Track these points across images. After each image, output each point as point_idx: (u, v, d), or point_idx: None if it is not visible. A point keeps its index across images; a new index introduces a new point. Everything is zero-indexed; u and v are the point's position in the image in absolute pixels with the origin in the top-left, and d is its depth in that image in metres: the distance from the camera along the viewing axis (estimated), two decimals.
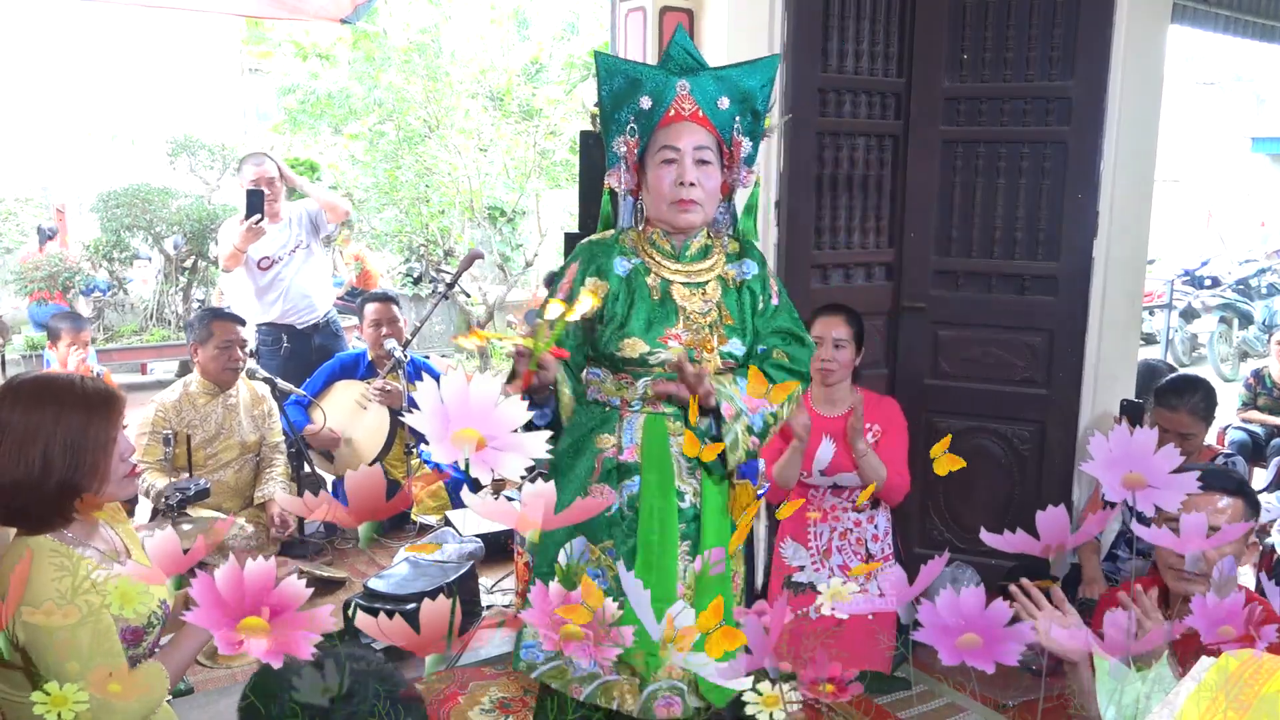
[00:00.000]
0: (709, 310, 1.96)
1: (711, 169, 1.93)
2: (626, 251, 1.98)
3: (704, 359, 1.92)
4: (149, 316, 7.35)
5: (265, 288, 4.21)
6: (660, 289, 1.95)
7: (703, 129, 1.92)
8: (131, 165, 8.44)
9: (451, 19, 9.05)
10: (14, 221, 7.97)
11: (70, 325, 4.18)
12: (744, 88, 1.96)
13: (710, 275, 1.99)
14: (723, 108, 1.95)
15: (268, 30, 9.97)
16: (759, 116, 2.00)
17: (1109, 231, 3.14)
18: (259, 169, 4.20)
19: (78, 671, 1.48)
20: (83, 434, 1.62)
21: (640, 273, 1.96)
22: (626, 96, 1.95)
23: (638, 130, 1.95)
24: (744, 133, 1.98)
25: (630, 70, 1.97)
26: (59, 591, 1.55)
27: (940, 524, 3.38)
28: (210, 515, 3.36)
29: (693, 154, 1.90)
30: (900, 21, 3.29)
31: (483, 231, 9.17)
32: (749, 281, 2.02)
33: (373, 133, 9.12)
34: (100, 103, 9.69)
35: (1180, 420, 2.98)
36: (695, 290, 1.97)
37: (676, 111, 1.92)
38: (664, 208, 1.93)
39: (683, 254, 1.99)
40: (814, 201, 3.25)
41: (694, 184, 1.90)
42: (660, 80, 1.93)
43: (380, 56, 8.85)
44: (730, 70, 1.99)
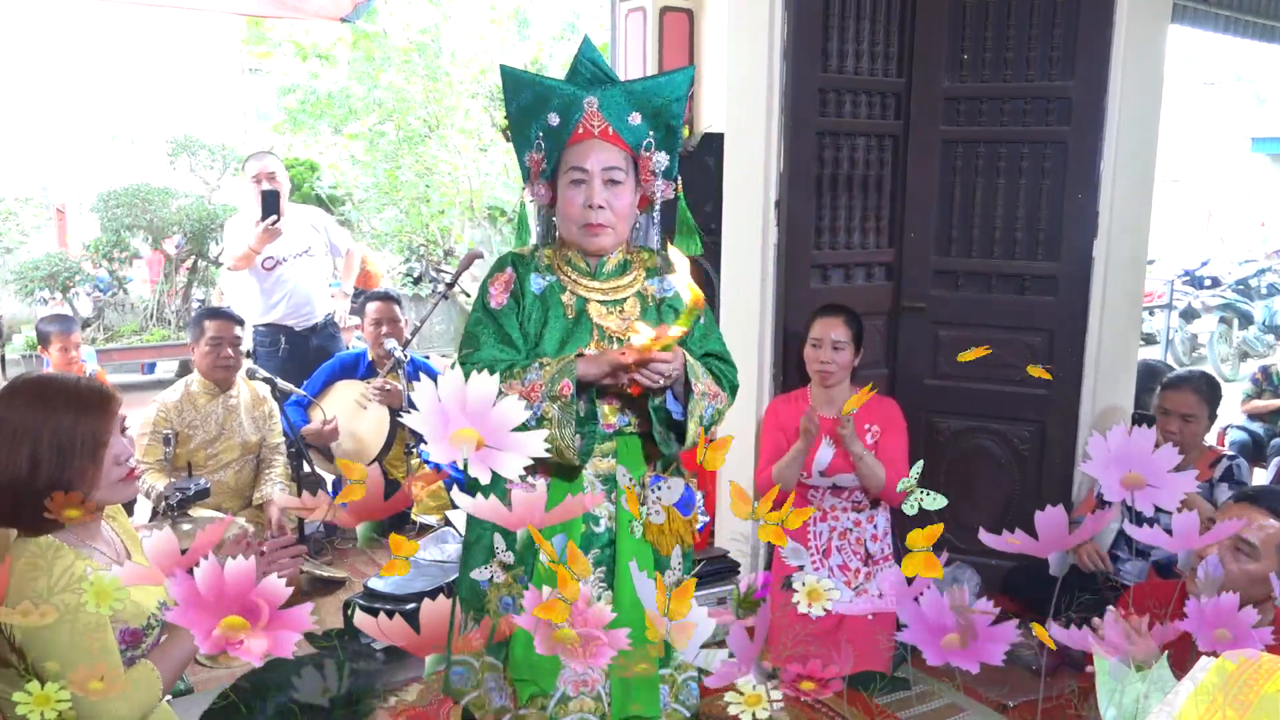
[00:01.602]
0: (626, 328, 1.88)
1: (622, 189, 1.86)
2: (541, 269, 1.93)
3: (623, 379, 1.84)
4: (149, 316, 7.35)
5: (269, 288, 4.22)
6: (575, 307, 1.90)
7: (613, 146, 1.86)
8: (131, 165, 8.43)
9: (451, 19, 9.06)
10: (14, 221, 7.95)
11: (59, 328, 4.12)
12: (655, 103, 1.89)
13: (628, 292, 1.93)
14: (634, 124, 1.88)
15: (268, 30, 9.98)
16: (673, 130, 1.93)
17: (1109, 231, 3.14)
18: (261, 165, 4.21)
19: (56, 671, 1.47)
20: (72, 435, 1.61)
21: (555, 290, 1.91)
22: (534, 112, 1.89)
23: (544, 147, 1.90)
24: (659, 147, 1.91)
25: (537, 85, 1.90)
26: (35, 591, 1.53)
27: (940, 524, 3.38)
28: (210, 515, 3.36)
29: (601, 175, 1.84)
30: (900, 21, 3.29)
31: (483, 231, 9.17)
32: (669, 299, 1.95)
33: (373, 133, 9.13)
34: (100, 103, 9.69)
35: (1184, 400, 2.99)
36: (612, 308, 1.91)
37: (585, 129, 1.86)
38: (574, 230, 1.88)
39: (599, 271, 1.93)
40: (814, 201, 3.25)
41: (603, 206, 1.84)
42: (568, 96, 1.87)
43: (380, 56, 8.87)
44: (641, 84, 1.93)
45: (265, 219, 3.96)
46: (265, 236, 3.99)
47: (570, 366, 1.78)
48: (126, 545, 1.80)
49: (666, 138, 1.92)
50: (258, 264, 4.16)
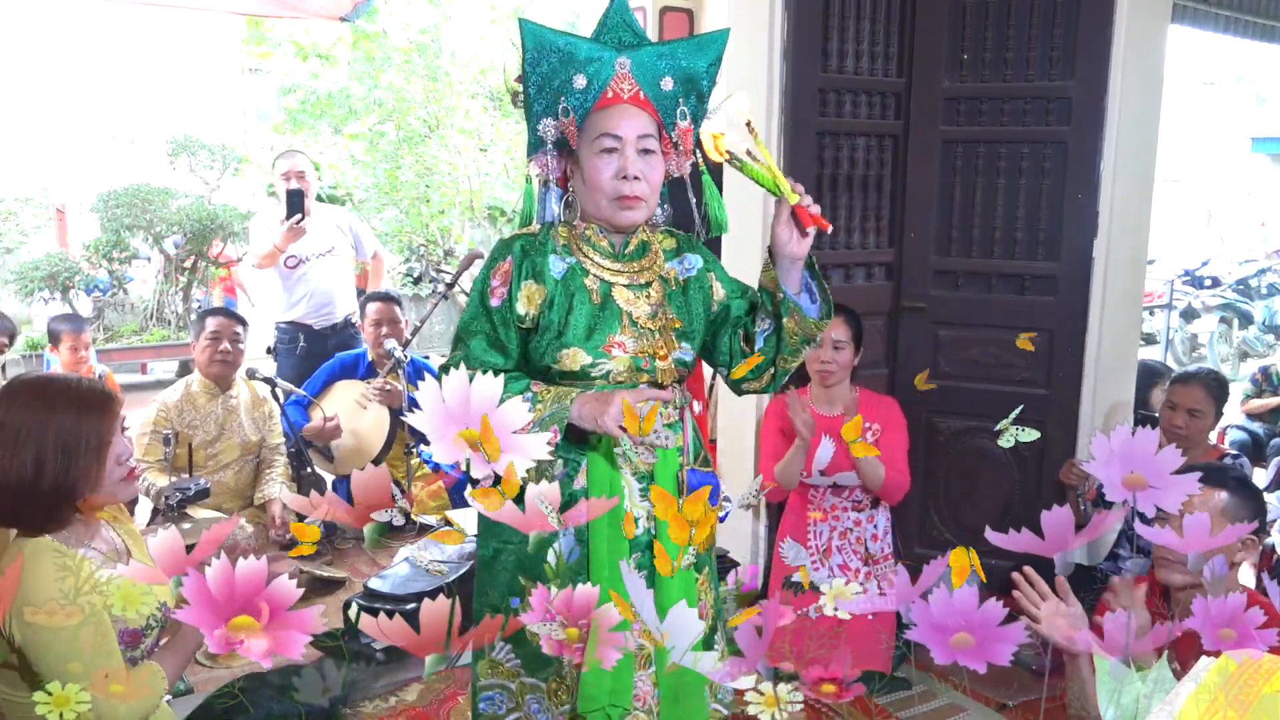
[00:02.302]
0: (657, 314, 1.74)
1: (656, 159, 1.70)
2: (559, 250, 1.73)
3: (655, 367, 1.72)
4: (149, 316, 7.35)
5: (291, 286, 4.24)
6: (600, 292, 1.72)
7: (644, 113, 1.69)
8: (131, 165, 8.44)
9: (451, 19, 9.07)
10: (14, 221, 7.95)
11: (70, 327, 4.19)
12: (690, 67, 1.73)
13: (652, 275, 1.77)
14: (666, 89, 1.72)
15: (268, 30, 9.98)
16: (703, 99, 1.78)
17: (1109, 231, 3.14)
18: (290, 163, 4.25)
19: (80, 672, 1.47)
20: (75, 435, 1.61)
21: (577, 274, 1.72)
22: (557, 73, 1.69)
23: (572, 112, 1.70)
24: (688, 116, 1.75)
25: (564, 43, 1.68)
26: (62, 592, 1.54)
27: (940, 524, 3.38)
28: (211, 515, 3.37)
29: (636, 143, 1.66)
30: (900, 21, 3.29)
31: (483, 231, 9.18)
32: (694, 278, 1.81)
33: (373, 133, 9.13)
34: (100, 103, 9.69)
35: (1192, 394, 3.04)
36: (639, 292, 1.74)
37: (615, 93, 1.68)
38: (604, 204, 1.69)
39: (622, 252, 1.76)
40: (814, 201, 3.24)
41: (639, 177, 1.66)
42: (596, 56, 1.68)
43: (380, 56, 8.87)
44: (675, 45, 1.74)
45: (290, 218, 3.99)
46: (290, 235, 4.01)
47: (563, 412, 1.61)
48: (129, 545, 1.80)
49: (696, 106, 1.77)
50: (280, 262, 4.19)
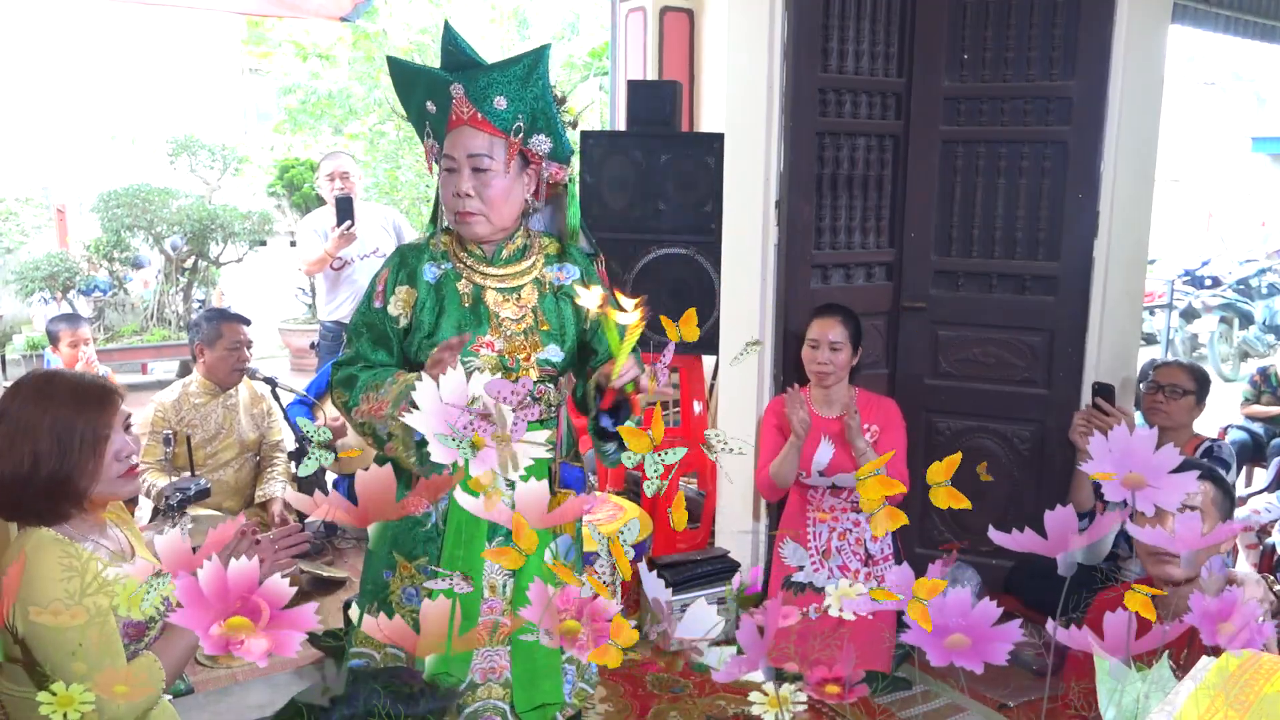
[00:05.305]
0: (523, 316, 1.87)
1: (490, 175, 1.82)
2: (437, 257, 1.90)
3: (519, 366, 1.85)
4: (149, 316, 7.35)
5: (336, 287, 4.26)
6: (472, 295, 1.87)
7: (481, 132, 1.82)
8: (131, 165, 8.43)
9: (451, 19, 9.06)
10: (14, 221, 7.95)
11: (68, 325, 4.22)
12: (513, 84, 1.83)
13: (526, 279, 1.91)
14: (500, 108, 1.82)
15: (268, 30, 9.98)
16: (544, 112, 1.86)
17: (1109, 231, 3.14)
18: (335, 164, 4.28)
19: (84, 672, 1.47)
20: (71, 428, 1.62)
21: (450, 278, 1.88)
22: (417, 100, 1.88)
23: (430, 135, 1.89)
24: (535, 130, 1.86)
25: (413, 74, 1.90)
26: (67, 592, 1.54)
27: (940, 524, 3.38)
28: (211, 515, 3.37)
29: (468, 162, 1.82)
30: (900, 21, 3.29)
31: None
32: (567, 287, 1.93)
33: (373, 133, 9.14)
34: (100, 103, 9.68)
35: (1172, 373, 3.13)
36: (509, 295, 1.89)
37: (457, 116, 1.83)
38: (451, 219, 1.88)
39: (495, 258, 1.91)
40: (814, 201, 3.25)
41: (469, 194, 1.82)
42: (438, 82, 1.84)
43: (380, 56, 8.86)
44: (499, 65, 1.86)
45: (340, 224, 4.00)
46: (341, 242, 4.03)
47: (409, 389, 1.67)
48: (132, 543, 1.81)
49: (539, 119, 1.86)
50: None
